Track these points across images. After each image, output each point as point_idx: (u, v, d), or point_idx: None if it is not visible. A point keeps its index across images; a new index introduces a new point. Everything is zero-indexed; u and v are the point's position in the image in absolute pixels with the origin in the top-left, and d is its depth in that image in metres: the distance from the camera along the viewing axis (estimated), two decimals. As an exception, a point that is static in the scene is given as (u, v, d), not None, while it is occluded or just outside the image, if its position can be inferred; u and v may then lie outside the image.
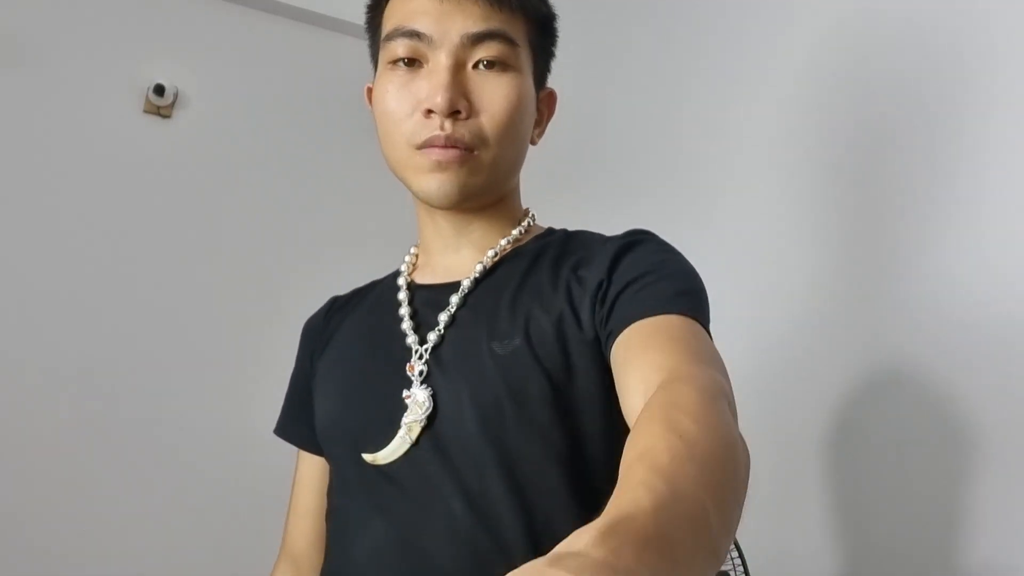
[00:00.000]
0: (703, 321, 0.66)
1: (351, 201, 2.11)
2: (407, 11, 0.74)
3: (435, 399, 0.71)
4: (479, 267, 0.79)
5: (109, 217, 1.87)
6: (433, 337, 0.75)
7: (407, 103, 0.74)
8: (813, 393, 1.19)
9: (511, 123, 0.75)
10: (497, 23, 0.74)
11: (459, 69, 0.73)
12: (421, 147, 0.74)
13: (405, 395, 0.73)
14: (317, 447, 0.86)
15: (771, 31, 1.41)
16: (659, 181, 1.62)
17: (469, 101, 0.73)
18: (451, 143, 0.73)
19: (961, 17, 1.07)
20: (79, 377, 1.80)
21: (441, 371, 0.73)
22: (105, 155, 1.88)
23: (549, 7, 0.82)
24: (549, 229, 0.86)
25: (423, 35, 0.73)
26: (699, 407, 0.49)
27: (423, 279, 0.83)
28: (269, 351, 1.48)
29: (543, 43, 0.81)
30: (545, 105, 0.84)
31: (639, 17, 1.79)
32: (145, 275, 1.89)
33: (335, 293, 0.94)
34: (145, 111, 1.93)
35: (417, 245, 0.88)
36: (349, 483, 0.77)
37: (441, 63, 0.73)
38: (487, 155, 0.75)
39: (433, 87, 0.72)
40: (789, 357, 1.24)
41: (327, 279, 1.17)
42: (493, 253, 0.80)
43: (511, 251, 0.81)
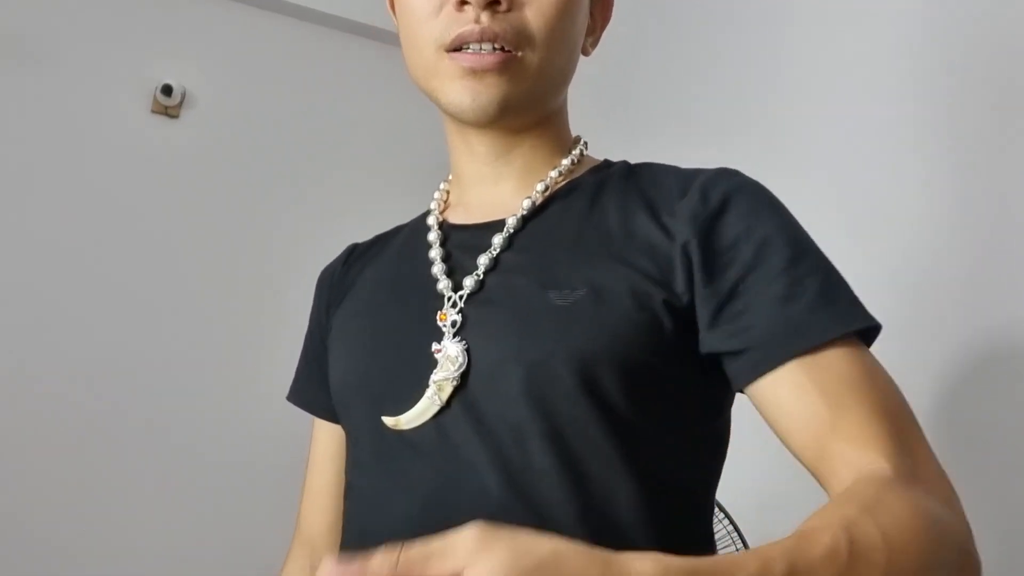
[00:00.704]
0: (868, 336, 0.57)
1: (359, 201, 2.06)
2: None
3: (470, 354, 0.59)
4: (527, 202, 0.65)
5: (118, 217, 1.87)
6: (470, 283, 0.63)
7: None
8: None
9: (562, 20, 0.62)
10: None
11: None
12: (451, 49, 0.61)
13: (435, 348, 0.61)
14: (334, 414, 0.73)
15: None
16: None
17: None
18: (488, 38, 0.59)
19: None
20: (88, 376, 1.79)
21: (479, 322, 0.61)
22: (113, 155, 1.88)
23: None
24: (606, 161, 0.72)
25: None
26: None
27: (457, 219, 0.70)
28: (276, 349, 1.43)
29: None
30: (599, 10, 0.71)
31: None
32: (154, 274, 1.89)
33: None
34: (153, 111, 1.95)
35: (448, 180, 0.74)
36: (367, 455, 0.64)
37: None
38: (533, 58, 0.62)
39: None
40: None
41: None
42: (543, 186, 0.67)
43: (564, 185, 0.68)
